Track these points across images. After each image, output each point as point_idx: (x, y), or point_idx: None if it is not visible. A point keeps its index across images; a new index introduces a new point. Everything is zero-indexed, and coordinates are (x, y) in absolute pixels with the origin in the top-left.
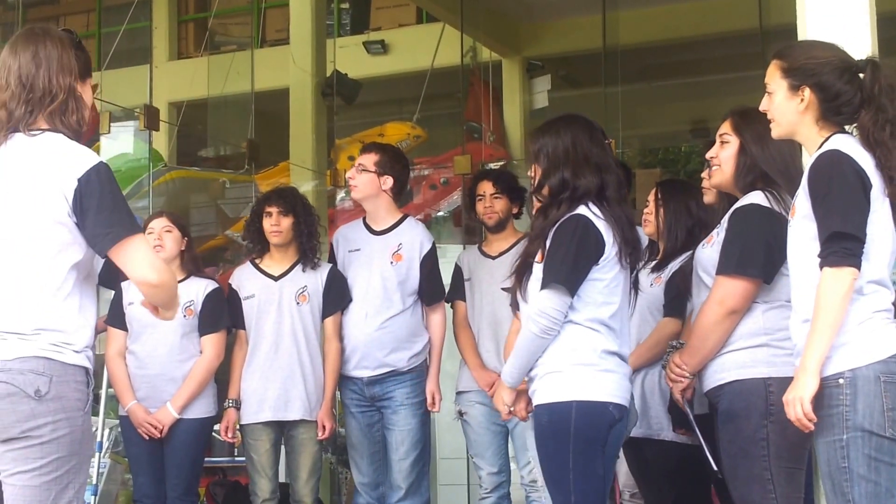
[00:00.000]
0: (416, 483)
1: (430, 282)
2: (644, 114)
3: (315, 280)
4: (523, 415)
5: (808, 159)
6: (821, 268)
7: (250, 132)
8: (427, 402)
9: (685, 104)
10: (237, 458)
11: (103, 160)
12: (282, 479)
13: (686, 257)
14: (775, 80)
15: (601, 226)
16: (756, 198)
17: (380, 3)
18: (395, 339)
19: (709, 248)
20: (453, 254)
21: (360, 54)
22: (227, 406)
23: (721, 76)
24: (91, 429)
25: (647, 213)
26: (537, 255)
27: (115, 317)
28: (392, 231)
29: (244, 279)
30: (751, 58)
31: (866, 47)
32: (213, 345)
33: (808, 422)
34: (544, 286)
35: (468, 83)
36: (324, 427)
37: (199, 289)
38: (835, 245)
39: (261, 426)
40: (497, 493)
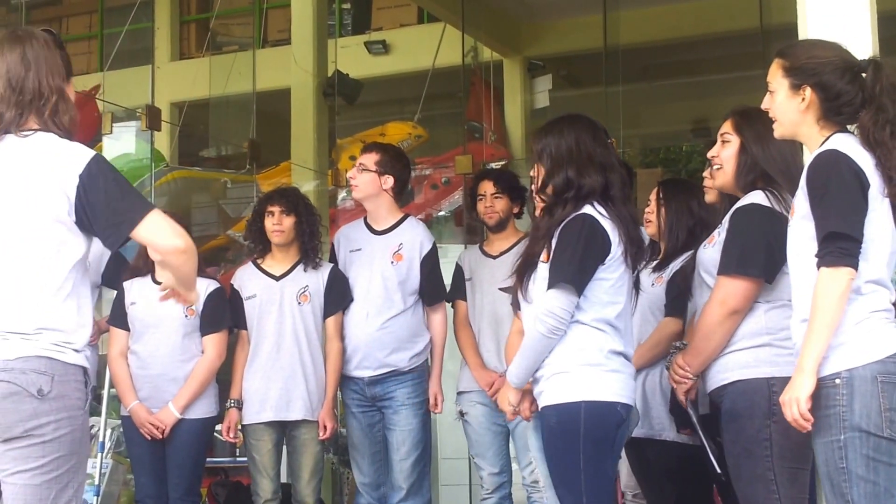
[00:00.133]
0: (417, 483)
1: (431, 282)
2: (645, 113)
3: (316, 280)
4: (527, 415)
5: (808, 159)
6: (818, 268)
7: (252, 132)
8: (430, 404)
9: (686, 104)
10: (239, 459)
11: (97, 153)
12: (283, 479)
13: (687, 257)
14: (777, 78)
15: (607, 225)
16: (756, 197)
17: (381, 3)
18: (396, 339)
19: (710, 249)
20: (455, 253)
21: (362, 54)
22: (228, 406)
23: (722, 76)
24: (88, 429)
25: (649, 213)
26: (542, 255)
27: (117, 317)
28: (393, 231)
29: (246, 279)
30: (752, 57)
31: (867, 46)
32: (214, 345)
33: (804, 422)
34: (551, 286)
35: (469, 83)
36: (325, 427)
37: (201, 289)
38: (831, 245)
39: (263, 426)
40: (498, 493)
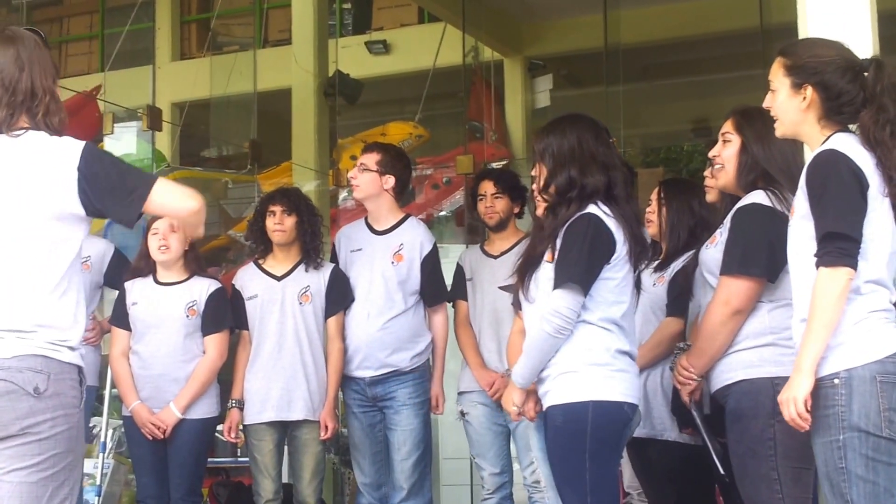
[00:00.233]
0: (418, 483)
1: (432, 283)
2: (646, 113)
3: (318, 280)
4: (532, 415)
5: (808, 158)
6: (817, 267)
7: (253, 132)
8: (431, 405)
9: (687, 103)
10: (240, 459)
11: (86, 142)
12: (285, 479)
13: (689, 256)
14: (778, 77)
15: (611, 224)
16: (758, 197)
17: (382, 3)
18: (397, 339)
19: (712, 249)
20: (456, 253)
21: (362, 54)
22: (230, 406)
23: (722, 75)
24: (84, 427)
25: (650, 213)
26: (547, 255)
27: (118, 317)
28: (393, 231)
29: (247, 279)
30: (752, 57)
31: (867, 45)
32: (216, 345)
33: (801, 422)
34: (557, 285)
35: (470, 83)
36: (326, 427)
37: (202, 289)
38: (830, 245)
39: (264, 426)
40: (499, 493)
